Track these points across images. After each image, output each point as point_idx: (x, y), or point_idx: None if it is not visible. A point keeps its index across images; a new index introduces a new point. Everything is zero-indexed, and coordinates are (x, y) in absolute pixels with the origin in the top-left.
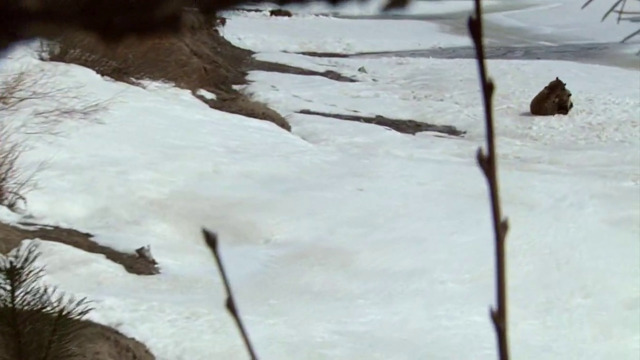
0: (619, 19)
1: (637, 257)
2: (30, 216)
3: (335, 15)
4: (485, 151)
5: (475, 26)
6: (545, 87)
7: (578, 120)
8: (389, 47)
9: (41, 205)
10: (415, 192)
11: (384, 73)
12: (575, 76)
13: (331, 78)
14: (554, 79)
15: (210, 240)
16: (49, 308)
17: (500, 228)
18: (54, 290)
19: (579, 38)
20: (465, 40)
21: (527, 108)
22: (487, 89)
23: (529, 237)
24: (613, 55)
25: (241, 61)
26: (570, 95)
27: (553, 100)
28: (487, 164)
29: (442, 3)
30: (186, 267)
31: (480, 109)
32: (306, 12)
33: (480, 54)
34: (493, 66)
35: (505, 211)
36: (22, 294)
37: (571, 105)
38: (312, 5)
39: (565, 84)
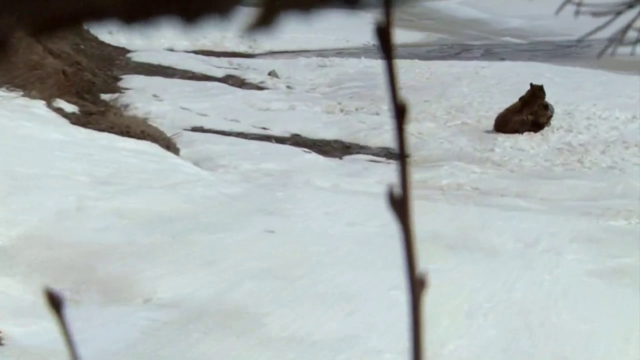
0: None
1: (630, 318)
2: None
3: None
4: (397, 190)
5: (384, 34)
6: (521, 98)
7: (554, 140)
8: (308, 45)
9: None
10: (343, 235)
11: (302, 78)
12: (549, 82)
13: (233, 85)
14: (525, 85)
15: (55, 301)
16: None
17: (416, 284)
18: None
19: (555, 33)
20: (409, 36)
21: (489, 124)
22: (399, 111)
23: (492, 292)
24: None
25: (112, 62)
26: (551, 112)
27: (525, 116)
28: (399, 206)
29: None
30: (39, 336)
31: (429, 125)
32: None
33: (390, 69)
34: (445, 69)
35: (460, 258)
36: None
37: (548, 122)
38: (161, 24)
39: (544, 95)
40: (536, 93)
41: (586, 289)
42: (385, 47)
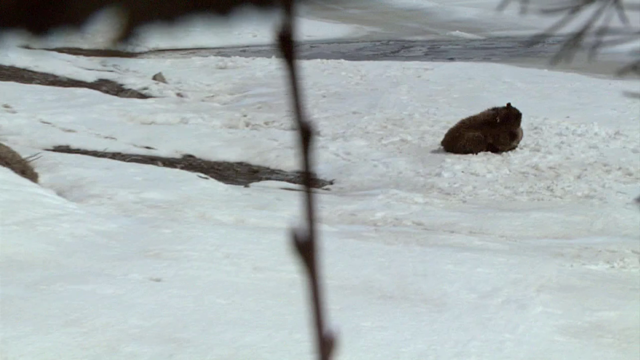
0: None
1: None
2: None
3: None
4: (302, 231)
5: (287, 44)
6: (489, 115)
7: (517, 162)
8: (204, 41)
9: None
10: (249, 283)
11: (197, 83)
12: (510, 88)
13: (107, 92)
14: (479, 92)
15: None
16: None
17: (324, 345)
18: None
19: (517, 27)
20: (333, 29)
21: (435, 141)
22: (303, 134)
23: (437, 355)
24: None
25: None
26: (517, 142)
27: (483, 135)
28: (304, 250)
29: None
30: None
31: (359, 143)
32: None
33: (294, 84)
34: (379, 71)
35: (399, 313)
36: None
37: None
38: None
39: (519, 123)
40: (510, 118)
41: (558, 351)
42: (289, 59)
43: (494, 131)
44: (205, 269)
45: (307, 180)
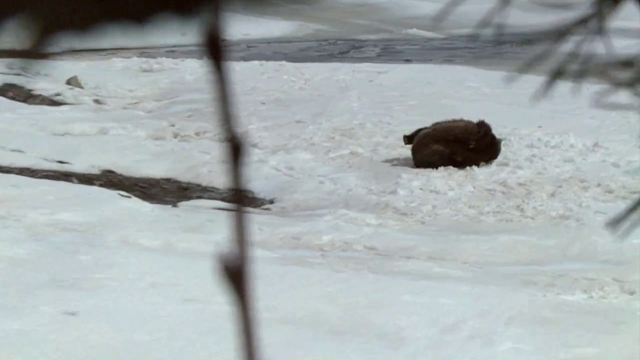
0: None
1: None
2: None
3: None
4: (231, 257)
5: (214, 44)
6: (462, 127)
7: (483, 178)
8: (126, 40)
9: None
10: (179, 317)
11: (117, 89)
12: (475, 93)
13: (14, 98)
14: (439, 98)
15: None
16: None
17: None
18: None
19: (482, 23)
20: (273, 27)
21: (390, 154)
22: (233, 149)
23: None
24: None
25: None
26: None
27: (445, 148)
28: (234, 278)
29: None
30: None
31: (303, 156)
32: None
33: (223, 90)
34: (326, 74)
35: (349, 349)
36: None
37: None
38: None
39: (488, 129)
40: (482, 137)
41: None
42: (216, 63)
43: (466, 152)
44: (127, 301)
45: (238, 199)
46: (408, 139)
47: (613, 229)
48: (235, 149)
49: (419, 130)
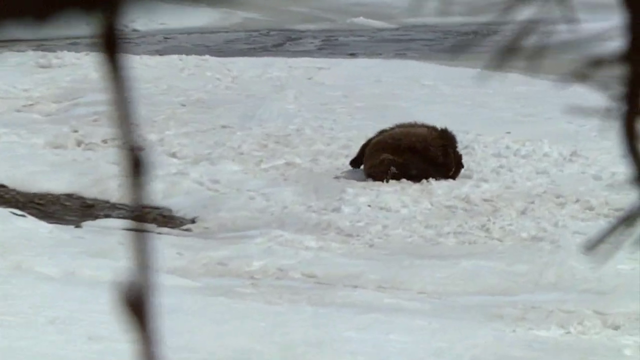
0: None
1: None
2: None
3: None
4: (133, 286)
5: (109, 38)
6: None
7: (441, 193)
8: (20, 32)
9: None
10: (82, 357)
11: (10, 88)
12: (432, 92)
13: None
14: (391, 99)
15: None
16: None
17: None
18: None
19: (442, 12)
20: (196, 16)
21: (333, 164)
22: (133, 163)
23: None
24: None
25: None
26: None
27: (397, 159)
28: (135, 308)
29: None
30: None
31: (230, 167)
32: None
33: (119, 91)
34: (257, 71)
35: None
36: None
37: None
38: None
39: (453, 141)
40: (445, 149)
41: None
42: (109, 52)
43: (422, 165)
44: (23, 339)
45: (139, 218)
46: (354, 163)
47: (589, 252)
48: (135, 159)
49: (366, 145)
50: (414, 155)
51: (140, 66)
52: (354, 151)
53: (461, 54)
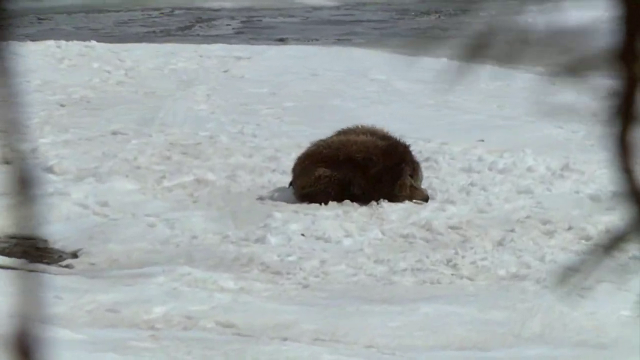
0: None
1: None
2: None
3: None
4: (21, 336)
5: None
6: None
7: (396, 219)
8: None
9: None
10: None
11: None
12: (382, 91)
13: None
14: (329, 97)
15: None
16: None
17: None
18: None
19: None
20: None
21: (256, 181)
22: (18, 175)
23: None
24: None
25: None
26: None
27: (347, 183)
28: None
29: None
30: None
31: (124, 186)
32: None
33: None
34: (157, 61)
35: None
36: None
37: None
38: None
39: (404, 170)
40: (397, 161)
41: None
42: None
43: (368, 182)
44: None
45: (26, 252)
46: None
47: (560, 285)
48: (20, 176)
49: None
50: (357, 169)
51: None
52: (284, 165)
53: (426, 42)
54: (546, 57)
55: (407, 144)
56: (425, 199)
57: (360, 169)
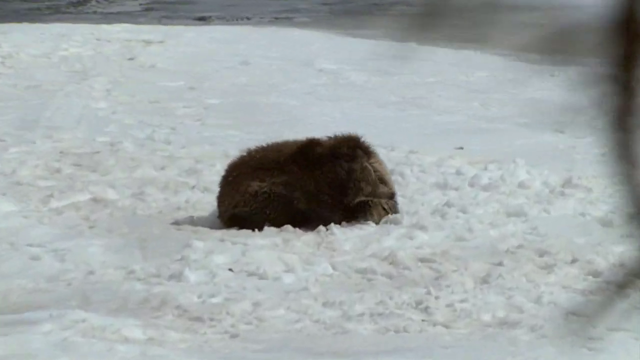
0: None
1: None
2: None
3: None
4: None
5: None
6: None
7: (350, 247)
8: None
9: None
10: None
11: None
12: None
13: None
14: (262, 93)
15: None
16: None
17: None
18: None
19: None
20: None
21: (170, 201)
22: None
23: None
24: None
25: None
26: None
27: (292, 200)
28: None
29: None
30: None
31: (1, 207)
32: None
33: None
34: (41, 46)
35: None
36: None
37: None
38: None
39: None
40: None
41: None
42: None
43: (314, 200)
44: None
45: None
46: None
47: (561, 334)
48: None
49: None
50: (301, 175)
51: None
52: (206, 180)
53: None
54: (516, 35)
55: (367, 146)
56: (390, 195)
57: (305, 173)
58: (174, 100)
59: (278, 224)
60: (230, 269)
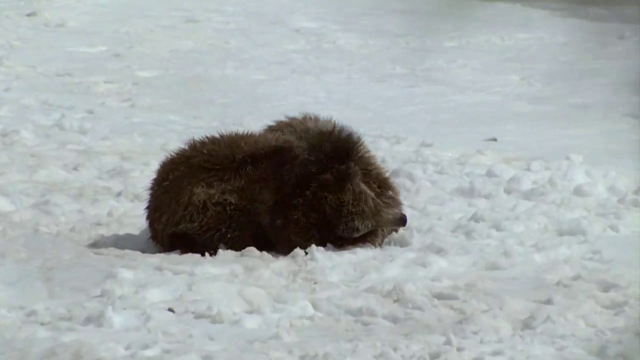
0: None
1: None
2: None
3: None
4: None
5: None
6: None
7: (337, 279)
8: None
9: None
10: None
11: None
12: (330, 54)
13: None
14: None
15: None
16: None
17: None
18: None
19: None
20: None
21: (91, 208)
22: None
23: None
24: None
25: None
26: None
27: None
28: None
29: None
30: None
31: None
32: None
33: None
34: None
35: None
36: None
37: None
38: None
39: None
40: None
41: None
42: None
43: (288, 207)
44: None
45: None
46: None
47: None
48: None
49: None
50: (267, 182)
51: None
52: (135, 184)
53: None
54: None
55: (353, 132)
56: (401, 220)
57: (273, 181)
58: (91, 73)
59: (238, 246)
60: (170, 309)
